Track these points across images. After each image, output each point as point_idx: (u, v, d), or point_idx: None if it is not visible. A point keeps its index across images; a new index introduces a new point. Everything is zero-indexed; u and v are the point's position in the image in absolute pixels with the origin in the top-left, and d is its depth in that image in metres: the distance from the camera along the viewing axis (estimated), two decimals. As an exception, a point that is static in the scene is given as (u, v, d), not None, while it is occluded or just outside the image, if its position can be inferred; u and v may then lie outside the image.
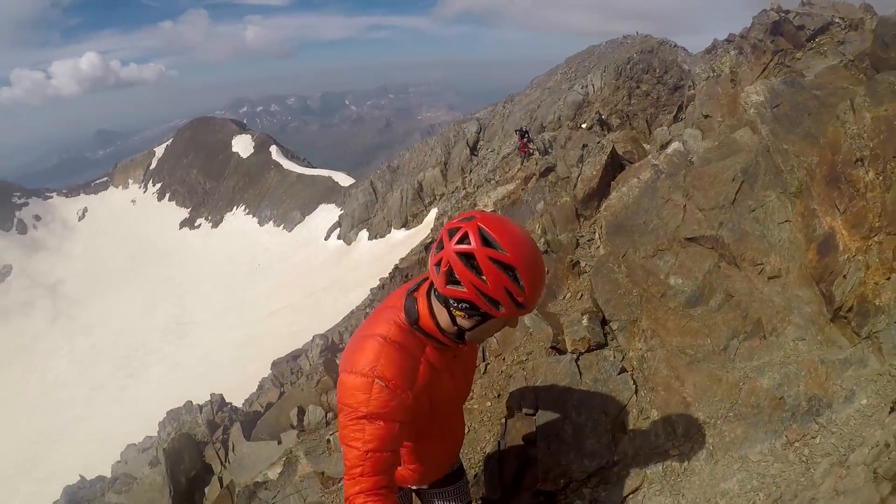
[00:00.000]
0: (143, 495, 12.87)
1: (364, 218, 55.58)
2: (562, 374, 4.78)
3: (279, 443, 11.83)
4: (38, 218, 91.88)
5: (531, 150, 25.84)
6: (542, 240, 8.08)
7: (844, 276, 3.64)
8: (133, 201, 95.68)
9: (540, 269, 2.06)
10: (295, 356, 27.03)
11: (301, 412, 13.28)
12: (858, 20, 9.90)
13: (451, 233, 2.05)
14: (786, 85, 5.34)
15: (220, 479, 12.18)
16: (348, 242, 56.11)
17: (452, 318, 2.17)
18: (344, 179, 71.22)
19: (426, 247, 24.86)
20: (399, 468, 2.50)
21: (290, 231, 68.94)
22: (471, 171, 43.23)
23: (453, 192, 42.28)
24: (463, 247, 2.00)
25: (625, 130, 18.89)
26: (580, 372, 4.70)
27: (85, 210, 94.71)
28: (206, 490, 12.40)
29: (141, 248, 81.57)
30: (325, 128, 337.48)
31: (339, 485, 10.53)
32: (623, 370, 4.57)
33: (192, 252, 76.57)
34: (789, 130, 4.80)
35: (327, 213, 64.97)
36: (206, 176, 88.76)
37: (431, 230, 37.08)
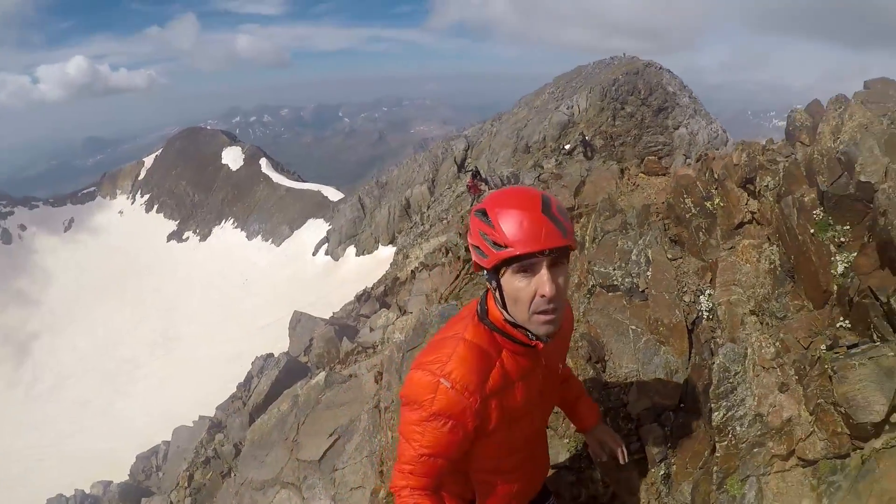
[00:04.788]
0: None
1: (352, 234, 55.38)
2: None
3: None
4: (23, 227, 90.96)
5: (482, 190, 25.24)
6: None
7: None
8: (120, 212, 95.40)
9: (518, 204, 1.90)
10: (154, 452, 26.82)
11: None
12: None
13: None
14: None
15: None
16: (336, 258, 55.79)
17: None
18: (333, 194, 71.54)
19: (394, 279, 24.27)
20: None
21: (278, 246, 69.03)
22: (428, 207, 43.22)
23: (411, 228, 42.07)
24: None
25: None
26: None
27: (71, 220, 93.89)
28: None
29: (128, 260, 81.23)
30: (318, 140, 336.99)
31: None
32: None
33: (179, 266, 76.59)
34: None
35: (316, 228, 64.87)
36: (195, 188, 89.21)
37: (391, 265, 36.77)
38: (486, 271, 2.01)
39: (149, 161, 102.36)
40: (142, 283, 74.64)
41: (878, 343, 2.74)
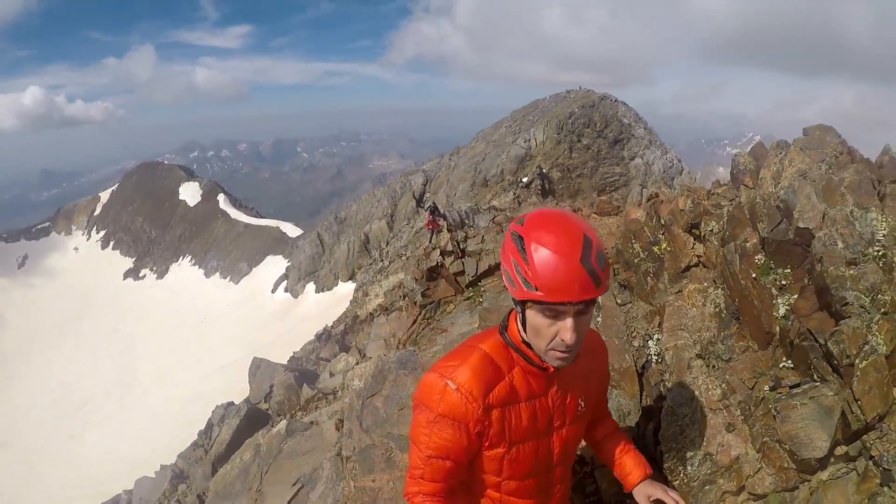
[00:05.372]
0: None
1: (311, 270, 54.18)
2: None
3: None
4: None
5: (440, 226, 24.42)
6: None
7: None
8: (76, 249, 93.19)
9: (556, 246, 1.80)
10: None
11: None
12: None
13: None
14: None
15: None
16: (295, 295, 55.06)
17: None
18: (291, 230, 70.56)
19: (353, 317, 23.90)
20: None
21: (236, 283, 67.71)
22: (388, 243, 43.05)
23: (371, 264, 41.72)
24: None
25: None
26: None
27: (25, 257, 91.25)
28: None
29: (83, 299, 79.28)
30: (277, 175, 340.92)
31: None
32: None
33: (136, 304, 74.75)
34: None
35: (274, 265, 63.76)
36: (151, 224, 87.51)
37: (351, 301, 36.41)
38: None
39: (105, 196, 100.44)
40: (98, 324, 72.71)
41: (817, 383, 2.87)
